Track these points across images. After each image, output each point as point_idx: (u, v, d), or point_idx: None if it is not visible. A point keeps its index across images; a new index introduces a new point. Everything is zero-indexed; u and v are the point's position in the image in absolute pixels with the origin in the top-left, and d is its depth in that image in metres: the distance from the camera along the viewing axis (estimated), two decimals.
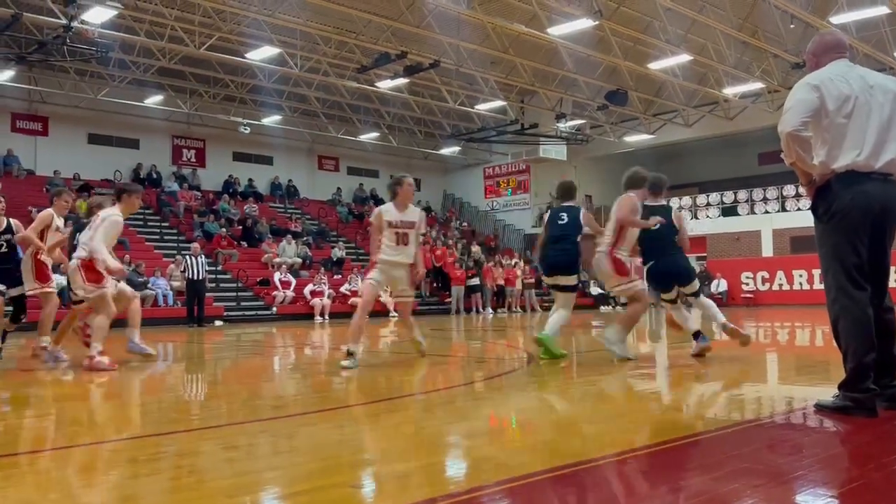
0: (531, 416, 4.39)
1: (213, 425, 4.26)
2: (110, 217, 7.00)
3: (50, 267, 7.91)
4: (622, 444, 3.37)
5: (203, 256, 17.78)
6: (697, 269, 26.74)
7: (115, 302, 7.03)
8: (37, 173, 23.17)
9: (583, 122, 27.91)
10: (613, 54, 20.06)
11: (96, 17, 16.80)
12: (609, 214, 7.19)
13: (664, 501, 2.53)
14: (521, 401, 5.00)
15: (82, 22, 16.70)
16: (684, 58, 20.15)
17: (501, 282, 24.41)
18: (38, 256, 7.62)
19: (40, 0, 16.38)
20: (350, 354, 6.66)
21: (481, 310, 23.39)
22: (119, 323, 7.42)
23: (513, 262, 25.43)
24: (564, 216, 7.28)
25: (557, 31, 17.89)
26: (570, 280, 7.13)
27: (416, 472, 2.91)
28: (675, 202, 29.64)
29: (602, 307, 25.69)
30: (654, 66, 21.16)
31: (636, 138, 28.71)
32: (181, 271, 18.03)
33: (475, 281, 23.67)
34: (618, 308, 27.09)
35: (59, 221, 7.76)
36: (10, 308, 7.65)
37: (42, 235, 7.59)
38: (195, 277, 17.12)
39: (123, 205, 7.18)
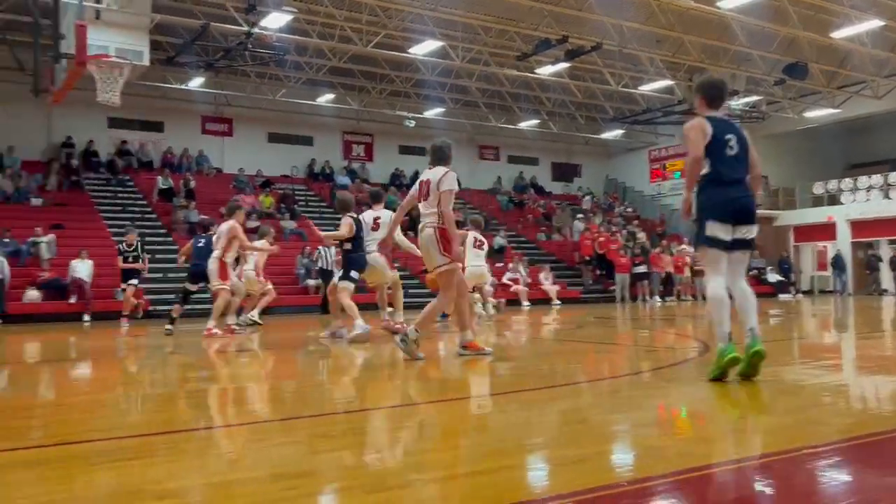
0: (704, 407, 4.22)
1: (377, 406, 4.45)
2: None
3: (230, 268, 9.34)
4: (805, 439, 3.17)
5: (333, 248, 18.40)
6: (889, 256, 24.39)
7: None
8: (224, 171, 25.15)
9: (758, 98, 26.24)
10: (791, 25, 18.70)
11: (274, 22, 17.96)
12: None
13: (855, 500, 2.36)
14: (694, 391, 4.82)
15: (262, 28, 17.92)
16: (874, 23, 18.41)
17: (670, 269, 23.56)
18: (224, 259, 9.01)
19: (224, 10, 17.72)
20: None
21: (648, 298, 22.72)
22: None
23: (681, 249, 24.46)
24: None
25: (729, 3, 16.94)
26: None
27: (584, 460, 2.89)
28: (863, 181, 27.25)
29: (781, 295, 24.15)
30: (838, 34, 19.49)
31: (818, 113, 26.60)
32: (314, 260, 18.67)
33: (641, 268, 23.01)
34: (798, 296, 25.35)
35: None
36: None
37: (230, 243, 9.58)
38: (327, 267, 17.82)
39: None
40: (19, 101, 18.88)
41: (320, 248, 17.78)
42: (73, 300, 16.04)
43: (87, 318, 15.70)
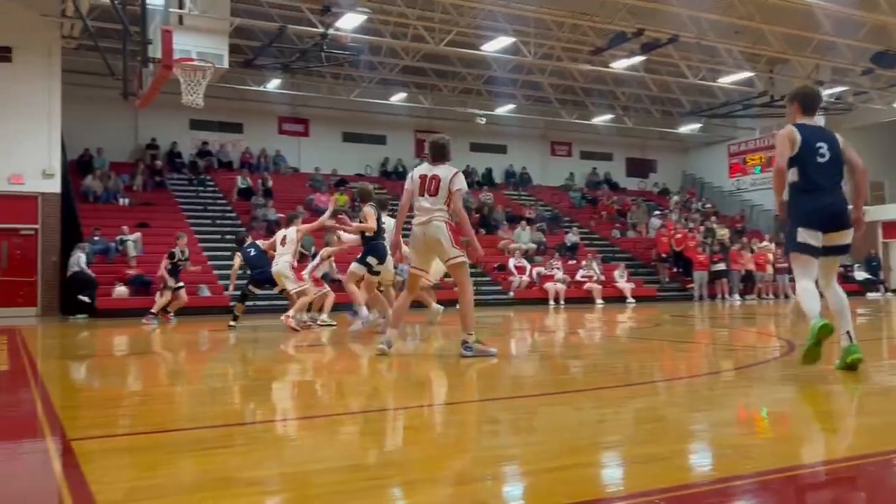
0: (788, 407, 4.09)
1: (460, 401, 4.48)
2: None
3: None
4: (890, 444, 3.04)
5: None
6: None
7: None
8: (301, 170, 25.70)
9: (844, 89, 25.16)
10: (881, 11, 17.85)
11: (348, 23, 18.24)
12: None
13: None
14: (778, 390, 4.67)
15: (336, 29, 18.23)
16: None
17: (751, 266, 22.85)
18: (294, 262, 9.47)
19: (300, 12, 18.10)
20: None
21: (727, 296, 22.10)
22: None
23: (763, 245, 23.71)
24: None
25: None
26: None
27: (661, 458, 2.85)
28: None
29: (869, 294, 23.13)
30: None
31: None
32: None
33: (720, 266, 22.40)
34: (887, 294, 24.22)
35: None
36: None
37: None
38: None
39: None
40: (109, 105, 19.78)
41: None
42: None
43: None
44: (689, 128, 30.26)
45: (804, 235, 4.68)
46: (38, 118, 17.05)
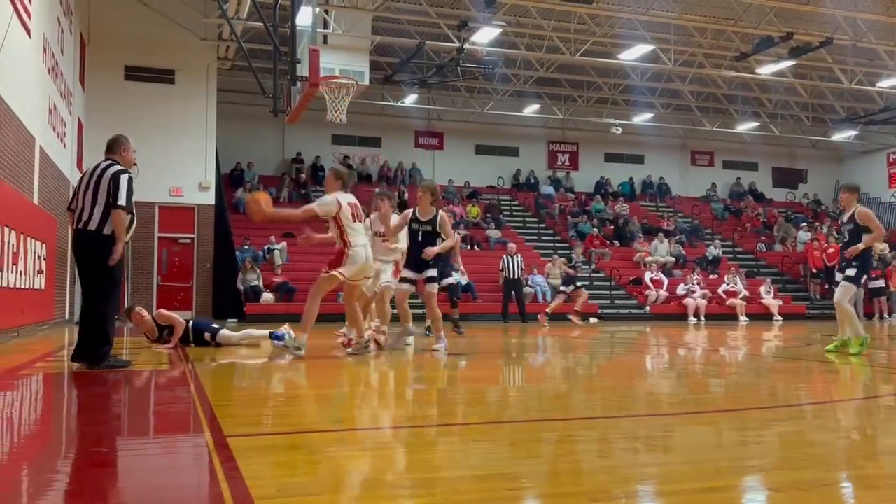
0: None
1: (586, 416, 4.43)
2: None
3: None
4: None
5: (519, 256, 18.23)
6: None
7: None
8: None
9: None
10: None
11: (484, 37, 18.49)
12: None
13: None
14: None
15: (472, 43, 18.51)
16: None
17: None
18: None
19: (437, 28, 18.52)
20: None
21: (886, 315, 20.48)
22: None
23: None
24: None
25: None
26: None
27: (807, 486, 2.69)
28: None
29: None
30: None
31: None
32: (500, 270, 18.46)
33: (879, 283, 20.81)
34: None
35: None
36: None
37: None
38: (511, 276, 17.73)
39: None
40: (259, 122, 21.05)
41: (504, 256, 18.04)
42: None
43: None
44: (843, 135, 28.35)
45: None
46: (195, 135, 18.38)
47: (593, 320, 18.23)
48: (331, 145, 25.17)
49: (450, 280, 9.89)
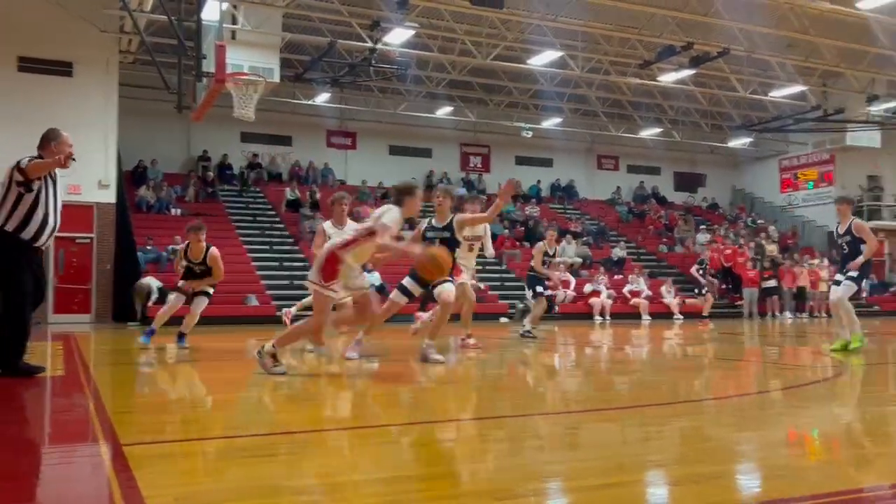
0: (837, 430, 3.99)
1: (496, 416, 4.48)
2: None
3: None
4: None
5: None
6: None
7: None
8: (347, 182, 25.99)
9: None
10: None
11: (396, 38, 18.45)
12: None
13: None
14: (826, 411, 4.56)
15: (385, 44, 18.45)
16: None
17: (803, 283, 22.33)
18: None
19: (349, 27, 18.36)
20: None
21: (778, 314, 21.62)
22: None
23: (815, 262, 23.15)
24: None
25: (869, 4, 15.94)
26: None
27: (704, 479, 2.81)
28: None
29: None
30: None
31: None
32: None
33: (771, 283, 21.94)
34: None
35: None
36: None
37: None
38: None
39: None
40: (163, 118, 20.33)
41: None
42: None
43: None
44: (739, 142, 29.75)
45: None
46: (95, 131, 17.56)
47: (503, 320, 18.49)
48: (239, 143, 24.56)
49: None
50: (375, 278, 19.03)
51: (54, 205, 5.80)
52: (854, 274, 8.36)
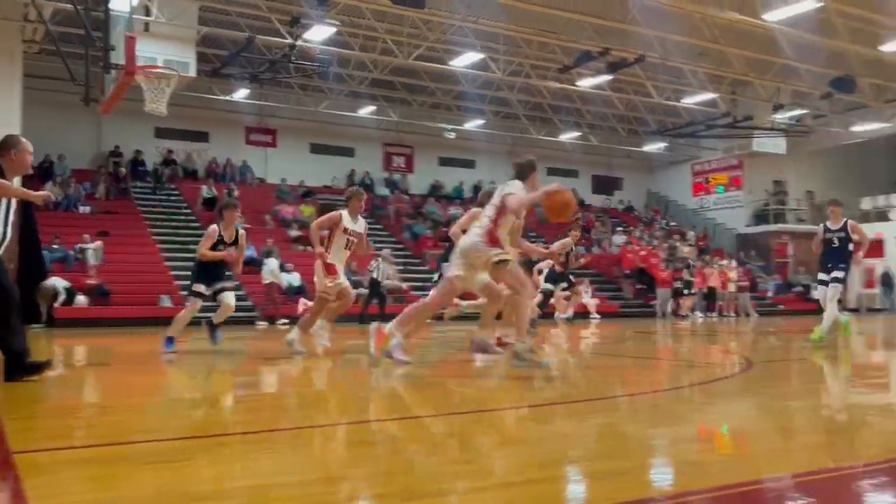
0: (744, 424, 4.14)
1: (410, 416, 4.45)
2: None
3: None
4: (847, 459, 3.08)
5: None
6: None
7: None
8: (267, 181, 25.53)
9: (804, 112, 25.79)
10: (839, 38, 18.35)
11: (317, 34, 18.22)
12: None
13: None
14: (734, 407, 4.73)
15: (305, 40, 18.18)
16: None
17: (713, 284, 23.21)
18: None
19: (269, 23, 18.02)
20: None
21: (689, 313, 22.39)
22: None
23: (725, 264, 24.09)
24: None
25: (775, 16, 16.69)
26: None
27: (623, 473, 2.86)
28: None
29: None
30: (887, 48, 19.06)
31: (867, 128, 26.03)
32: (368, 270, 18.53)
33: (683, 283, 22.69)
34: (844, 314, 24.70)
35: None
36: None
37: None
38: (378, 278, 17.97)
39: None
40: (70, 111, 19.44)
41: (376, 259, 18.09)
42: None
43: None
44: (654, 146, 30.70)
45: None
46: None
47: (428, 320, 18.46)
48: (153, 138, 23.79)
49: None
50: (293, 278, 18.79)
51: (5, 217, 5.51)
52: (841, 275, 9.29)
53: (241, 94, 23.71)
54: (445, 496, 2.55)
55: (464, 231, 6.94)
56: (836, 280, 9.29)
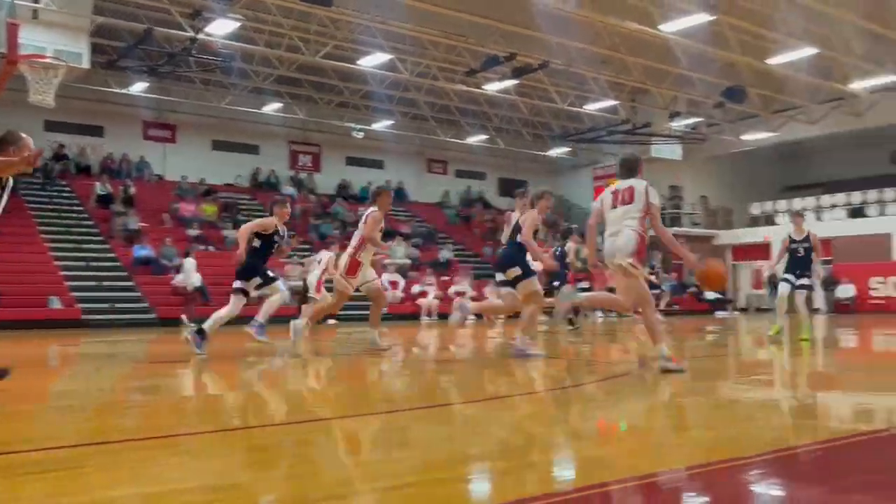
0: (640, 420, 4.28)
1: (325, 417, 4.39)
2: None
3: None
4: (733, 452, 3.24)
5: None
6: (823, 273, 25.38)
7: None
8: (166, 178, 24.62)
9: (698, 120, 26.98)
10: (731, 50, 19.30)
11: (219, 29, 17.70)
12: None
13: None
14: (630, 404, 4.89)
15: (207, 34, 17.65)
16: (808, 51, 19.11)
17: (613, 285, 23.91)
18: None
19: (168, 14, 17.41)
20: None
21: (589, 313, 23.00)
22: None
23: None
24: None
25: (671, 27, 17.38)
26: None
27: (520, 470, 2.90)
28: (797, 203, 28.21)
29: (718, 312, 24.74)
30: (775, 60, 20.19)
31: (756, 136, 27.48)
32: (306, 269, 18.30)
33: (584, 284, 23.28)
34: (734, 313, 26.01)
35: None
36: None
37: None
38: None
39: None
40: None
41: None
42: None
43: None
44: (558, 151, 31.42)
45: None
46: None
47: (331, 322, 18.28)
48: (43, 132, 22.46)
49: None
50: (197, 279, 18.21)
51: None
52: (807, 282, 10.39)
53: (138, 87, 22.77)
54: (340, 500, 2.52)
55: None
56: (803, 287, 10.34)
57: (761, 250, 28.61)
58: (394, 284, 21.08)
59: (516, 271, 7.72)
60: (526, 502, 2.40)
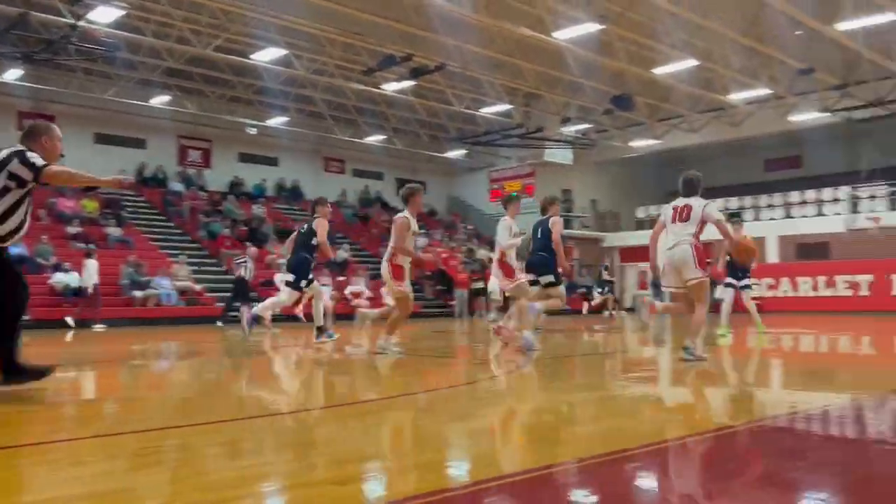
0: (530, 417, 4.39)
1: (211, 421, 4.27)
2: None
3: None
4: (620, 444, 3.37)
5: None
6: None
7: None
8: None
9: (588, 126, 27.90)
10: (619, 59, 20.06)
11: (102, 16, 16.87)
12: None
13: (652, 501, 2.53)
14: (521, 401, 5.00)
15: (89, 21, 16.78)
16: (690, 63, 20.12)
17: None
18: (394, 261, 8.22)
19: None
20: None
21: (485, 313, 23.37)
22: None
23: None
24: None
25: (563, 34, 17.89)
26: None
27: (413, 468, 2.91)
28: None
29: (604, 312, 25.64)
30: (660, 71, 21.14)
31: (642, 143, 28.70)
32: (239, 264, 17.82)
33: (480, 284, 23.63)
34: (621, 313, 27.03)
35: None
36: None
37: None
38: (248, 277, 17.41)
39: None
40: None
41: (245, 256, 17.50)
42: None
43: None
44: (454, 153, 31.75)
45: None
46: None
47: (219, 324, 17.77)
48: None
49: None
50: (73, 278, 17.28)
51: (28, 208, 5.11)
52: (749, 282, 11.45)
53: (12, 74, 21.38)
54: (242, 500, 2.46)
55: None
56: (747, 287, 11.41)
57: (647, 252, 29.86)
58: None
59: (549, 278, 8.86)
60: (409, 501, 2.41)
